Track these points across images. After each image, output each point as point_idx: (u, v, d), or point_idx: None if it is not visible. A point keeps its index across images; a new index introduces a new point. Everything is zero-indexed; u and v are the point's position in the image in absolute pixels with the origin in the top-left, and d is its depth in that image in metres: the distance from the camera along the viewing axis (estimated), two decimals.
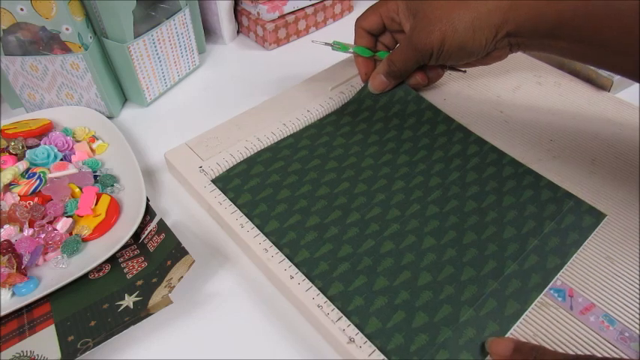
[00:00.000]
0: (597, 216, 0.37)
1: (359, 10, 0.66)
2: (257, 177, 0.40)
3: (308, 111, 0.46)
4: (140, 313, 0.31)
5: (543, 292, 0.33)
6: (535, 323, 0.31)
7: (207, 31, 0.61)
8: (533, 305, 0.32)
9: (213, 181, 0.40)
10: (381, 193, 0.39)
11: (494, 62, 0.42)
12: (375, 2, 0.45)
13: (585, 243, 0.36)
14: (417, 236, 0.36)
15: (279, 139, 0.44)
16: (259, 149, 0.43)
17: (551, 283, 0.33)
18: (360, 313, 0.31)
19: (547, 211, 0.37)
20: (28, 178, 0.40)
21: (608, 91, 0.49)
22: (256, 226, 0.36)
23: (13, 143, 0.43)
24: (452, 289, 0.33)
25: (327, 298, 0.32)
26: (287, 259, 0.34)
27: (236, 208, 0.38)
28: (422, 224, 0.37)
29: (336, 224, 0.37)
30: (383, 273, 0.34)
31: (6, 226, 0.37)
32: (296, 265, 0.34)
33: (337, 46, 0.48)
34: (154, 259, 0.35)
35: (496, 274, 0.34)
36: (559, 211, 0.37)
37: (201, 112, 0.51)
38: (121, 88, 0.51)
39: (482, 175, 0.40)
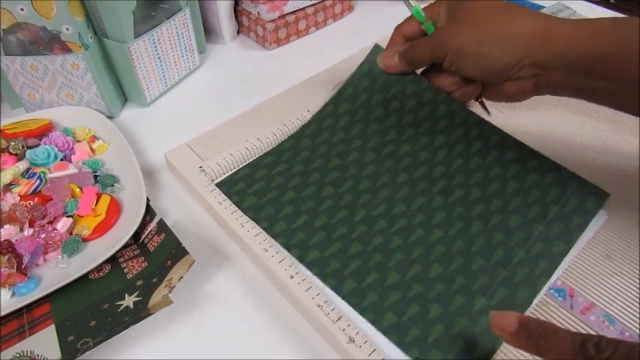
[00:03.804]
0: (600, 196, 0.37)
1: (359, 10, 0.66)
2: (261, 180, 0.40)
3: (308, 111, 0.46)
4: (140, 313, 0.31)
5: (550, 281, 0.33)
6: None
7: (208, 31, 0.61)
8: (533, 305, 0.32)
9: (217, 185, 0.40)
10: (386, 189, 0.39)
11: (517, 98, 0.40)
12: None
13: (586, 242, 0.36)
14: (425, 230, 0.36)
15: (280, 139, 0.44)
16: (260, 149, 0.43)
17: (556, 271, 0.34)
18: (375, 309, 0.32)
19: (551, 195, 0.37)
20: (28, 178, 0.40)
21: None
22: (264, 229, 0.36)
23: (13, 143, 0.43)
24: (463, 279, 0.33)
25: (342, 296, 0.33)
26: (287, 259, 0.34)
27: (236, 208, 0.38)
28: (428, 217, 0.37)
29: (343, 223, 0.37)
30: (394, 268, 0.34)
31: (6, 226, 0.37)
32: (307, 265, 0.34)
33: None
34: (154, 259, 0.35)
35: (505, 263, 0.34)
36: (562, 193, 0.37)
37: (201, 112, 0.51)
38: (121, 88, 0.51)
39: (485, 161, 0.40)
